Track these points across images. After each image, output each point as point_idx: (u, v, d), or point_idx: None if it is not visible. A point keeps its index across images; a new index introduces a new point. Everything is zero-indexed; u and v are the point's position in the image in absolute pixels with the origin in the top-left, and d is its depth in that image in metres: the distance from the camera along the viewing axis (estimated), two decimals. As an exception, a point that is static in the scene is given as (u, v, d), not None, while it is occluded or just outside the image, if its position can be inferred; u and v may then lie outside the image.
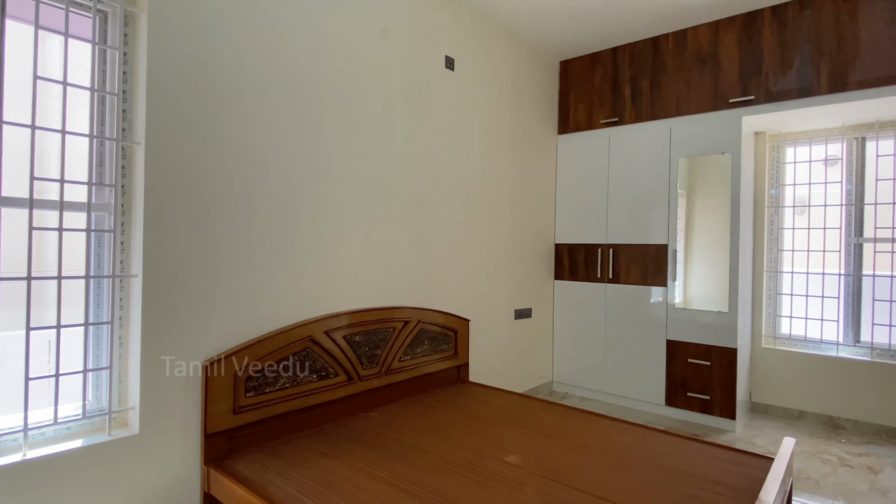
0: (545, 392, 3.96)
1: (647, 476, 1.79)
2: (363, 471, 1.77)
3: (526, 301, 3.72)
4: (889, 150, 3.24)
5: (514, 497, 1.60)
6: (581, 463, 1.88)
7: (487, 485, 1.68)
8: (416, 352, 2.76)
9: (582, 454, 1.97)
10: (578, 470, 1.82)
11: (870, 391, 3.20)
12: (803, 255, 3.56)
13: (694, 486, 1.72)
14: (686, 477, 1.78)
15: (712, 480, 1.76)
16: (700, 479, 1.77)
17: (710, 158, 3.35)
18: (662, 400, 3.48)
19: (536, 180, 3.82)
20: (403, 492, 1.62)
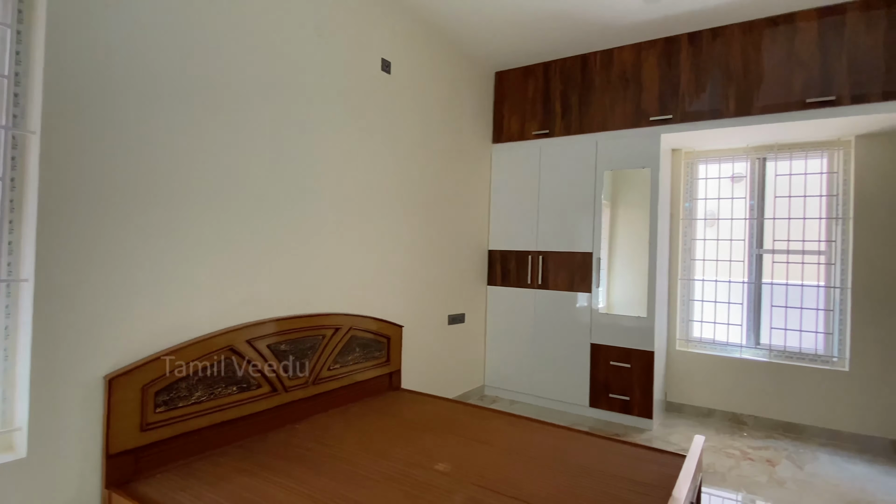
0: (476, 396, 4.00)
1: (571, 478, 1.84)
2: (284, 487, 1.68)
3: (459, 307, 3.75)
4: (785, 171, 3.60)
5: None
6: (509, 467, 1.91)
7: (416, 495, 1.66)
8: (346, 360, 2.68)
9: (510, 459, 2.00)
10: (506, 475, 1.84)
11: (768, 389, 3.52)
12: (713, 264, 3.86)
13: (614, 485, 1.79)
14: (607, 477, 1.86)
15: (630, 479, 1.84)
16: (620, 478, 1.85)
17: (632, 172, 3.56)
18: (587, 401, 3.63)
19: (471, 188, 3.87)
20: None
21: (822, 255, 3.46)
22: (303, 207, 2.48)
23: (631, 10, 3.07)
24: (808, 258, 3.51)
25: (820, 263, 3.47)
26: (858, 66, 2.79)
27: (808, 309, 3.50)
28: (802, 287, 3.52)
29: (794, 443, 3.24)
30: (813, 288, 3.49)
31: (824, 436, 3.31)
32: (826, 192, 3.46)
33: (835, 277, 3.41)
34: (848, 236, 3.33)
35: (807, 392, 3.39)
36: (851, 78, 2.80)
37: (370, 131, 2.88)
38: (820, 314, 3.47)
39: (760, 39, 3.07)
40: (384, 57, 2.97)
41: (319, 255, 2.58)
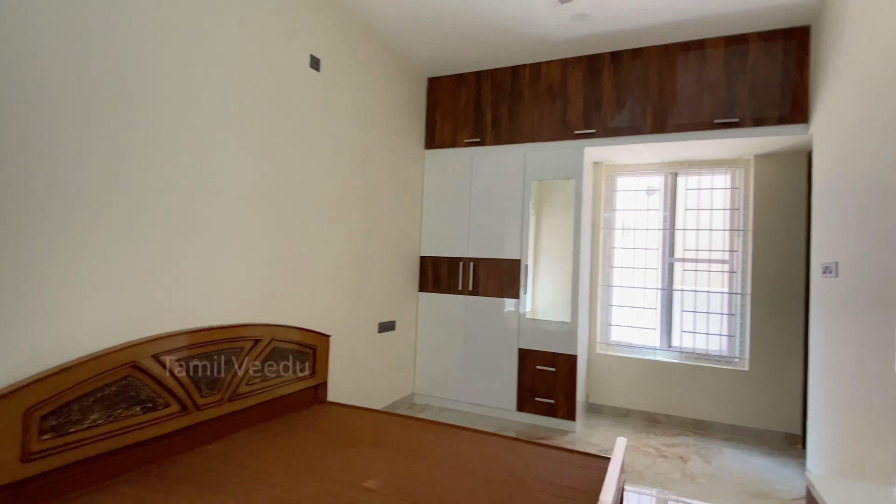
0: (406, 405, 3.93)
1: (501, 486, 1.83)
2: (195, 518, 1.52)
3: (390, 314, 3.67)
4: (694, 185, 3.89)
5: (370, 527, 1.51)
6: (441, 480, 1.86)
7: (342, 517, 1.56)
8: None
9: (442, 471, 1.95)
10: (438, 488, 1.79)
11: (679, 389, 3.77)
12: (630, 272, 4.08)
13: (542, 490, 1.80)
14: (537, 484, 1.87)
15: (559, 485, 1.87)
16: (549, 484, 1.87)
17: (558, 183, 3.68)
18: (514, 405, 3.68)
19: (403, 193, 3.81)
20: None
21: (726, 264, 3.78)
22: (220, 212, 2.29)
23: (559, 27, 3.18)
24: (714, 267, 3.81)
25: (724, 272, 3.78)
26: (759, 91, 3.08)
27: (714, 313, 3.80)
28: (709, 293, 3.81)
29: (702, 439, 3.48)
30: (718, 294, 3.79)
31: (728, 431, 3.60)
32: (729, 205, 3.78)
33: (737, 284, 3.73)
34: (748, 247, 3.66)
35: (713, 391, 3.67)
36: (752, 102, 3.08)
37: (297, 130, 2.74)
38: (724, 318, 3.77)
39: (675, 62, 3.30)
40: (313, 54, 2.84)
41: (239, 263, 2.40)
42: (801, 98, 2.98)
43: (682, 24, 3.06)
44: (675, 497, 2.60)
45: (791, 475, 2.90)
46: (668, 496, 2.61)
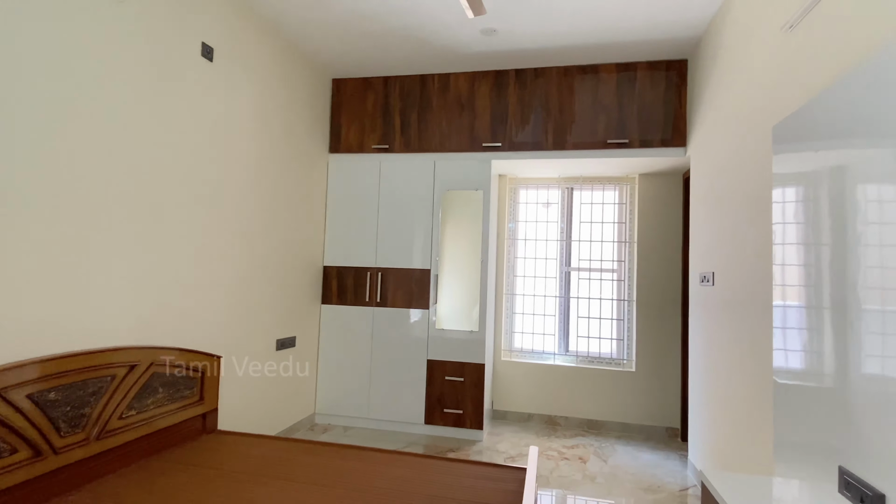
0: (307, 426, 3.67)
1: (421, 511, 1.75)
2: None
3: (290, 329, 3.41)
4: (588, 200, 4.16)
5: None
6: (354, 511, 1.73)
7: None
8: (145, 404, 2.17)
9: (352, 499, 1.81)
10: (352, 521, 1.66)
11: (575, 391, 3.98)
12: (531, 280, 4.24)
13: (463, 512, 1.75)
14: (454, 503, 1.81)
15: (476, 502, 1.83)
16: (466, 502, 1.82)
17: (467, 193, 3.71)
18: (422, 419, 3.62)
19: (306, 198, 3.58)
20: None
21: (615, 273, 4.08)
22: (87, 214, 1.94)
23: (469, 40, 3.21)
24: (605, 276, 4.10)
25: (613, 280, 4.08)
26: (645, 116, 3.38)
27: (605, 319, 4.08)
28: (601, 300, 4.09)
29: (597, 438, 3.70)
30: (609, 301, 4.08)
31: (619, 429, 3.87)
32: (618, 219, 4.10)
33: (624, 292, 4.04)
34: (633, 257, 3.99)
35: (605, 391, 3.92)
36: (640, 125, 3.37)
37: (186, 126, 2.43)
38: (614, 323, 4.07)
39: (573, 83, 3.50)
40: (206, 42, 2.55)
41: (112, 275, 2.05)
42: (680, 124, 3.33)
43: (579, 48, 3.26)
44: (581, 498, 2.70)
45: (676, 467, 3.18)
46: (576, 499, 2.71)
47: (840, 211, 1.45)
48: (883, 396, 1.23)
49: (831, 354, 1.47)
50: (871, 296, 1.31)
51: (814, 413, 1.54)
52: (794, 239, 1.73)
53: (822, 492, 1.46)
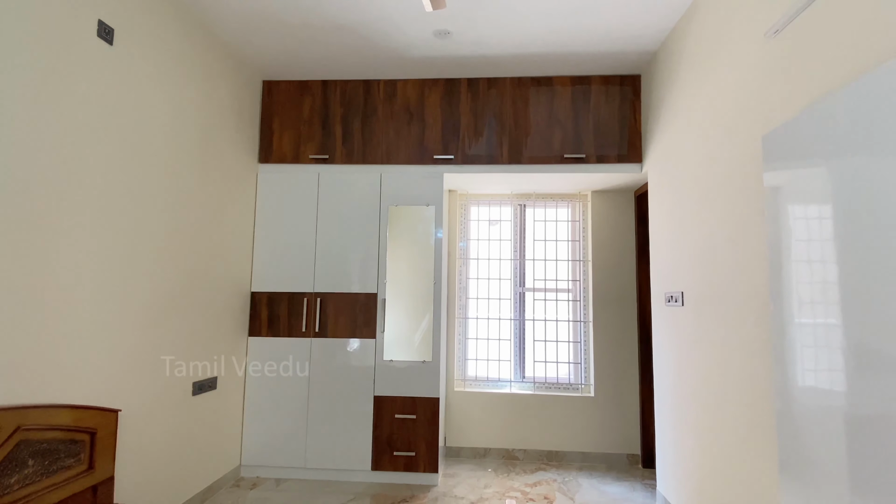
0: (230, 482, 3.10)
1: None
2: None
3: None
4: (542, 217, 4.00)
5: None
6: None
7: None
8: (7, 483, 1.61)
9: None
10: None
11: (534, 421, 3.72)
12: (485, 303, 3.98)
13: None
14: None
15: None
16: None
17: (416, 209, 3.39)
18: (369, 464, 3.18)
19: (230, 214, 3.09)
20: None
21: (571, 293, 3.92)
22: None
23: (419, 42, 2.95)
24: (561, 296, 3.92)
25: (569, 300, 3.92)
26: (601, 130, 3.27)
27: (562, 342, 3.88)
28: (557, 322, 3.90)
29: (559, 472, 3.45)
30: (565, 322, 3.90)
31: (580, 459, 3.64)
32: (571, 237, 3.96)
33: (580, 312, 3.88)
34: (588, 276, 3.86)
35: (564, 420, 3.70)
36: (597, 140, 3.26)
37: (77, 121, 1.93)
38: (571, 346, 3.88)
39: (528, 95, 3.34)
40: (104, 20, 2.07)
41: (-49, 310, 1.50)
42: (636, 140, 3.25)
43: (535, 57, 3.10)
44: (554, 549, 2.41)
45: (644, 500, 2.98)
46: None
47: (850, 227, 1.30)
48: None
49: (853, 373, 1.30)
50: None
51: (825, 444, 1.36)
52: (796, 256, 1.59)
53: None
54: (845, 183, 1.37)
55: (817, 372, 1.48)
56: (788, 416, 1.57)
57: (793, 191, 1.61)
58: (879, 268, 1.24)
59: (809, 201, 1.53)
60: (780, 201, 1.66)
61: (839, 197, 1.39)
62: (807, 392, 1.50)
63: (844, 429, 1.32)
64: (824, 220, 1.46)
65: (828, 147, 1.44)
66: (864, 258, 1.29)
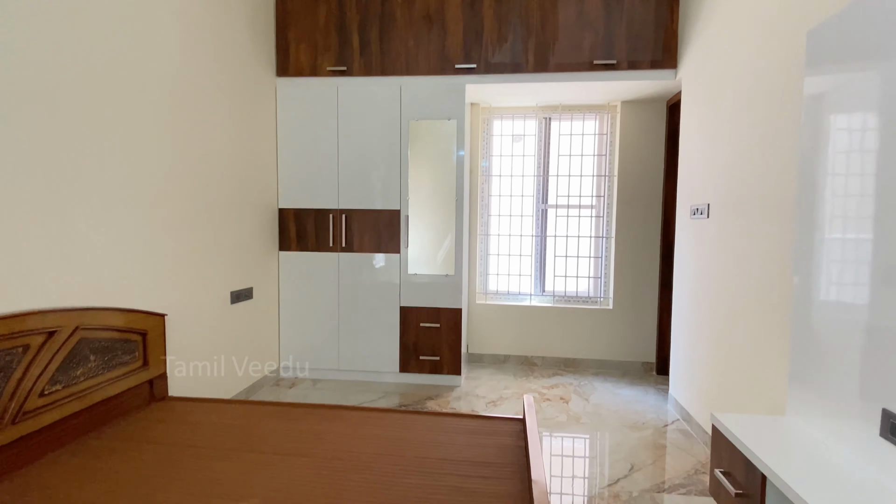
0: (271, 382, 3.40)
1: (415, 478, 1.54)
2: None
3: (245, 280, 3.04)
4: (567, 131, 3.88)
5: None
6: (335, 483, 1.50)
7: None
8: (74, 375, 1.82)
9: (333, 469, 1.58)
10: (334, 493, 1.43)
11: (552, 331, 3.88)
12: (507, 219, 4.00)
13: (464, 474, 1.56)
14: (453, 466, 1.61)
15: (476, 462, 1.64)
16: (467, 464, 1.63)
17: (437, 124, 3.32)
18: (397, 367, 3.42)
19: (252, 130, 3.10)
20: None
21: (594, 209, 3.89)
22: (-40, 140, 1.48)
23: (439, -64, 2.73)
24: (584, 212, 3.90)
25: (592, 217, 3.90)
26: (635, 33, 3.05)
27: (583, 257, 3.93)
28: (579, 238, 3.92)
29: (575, 376, 3.64)
30: (587, 238, 3.92)
31: (596, 366, 3.83)
32: (597, 151, 3.86)
33: (602, 228, 3.88)
34: (613, 192, 3.80)
35: (582, 330, 3.84)
36: (629, 44, 3.06)
37: (92, 29, 1.91)
38: (592, 261, 3.93)
39: (556, -5, 3.10)
40: (107, -80, 1.98)
41: (16, 225, 1.62)
42: (672, 44, 3.03)
43: (567, -49, 2.85)
44: (569, 439, 2.62)
45: (656, 402, 3.15)
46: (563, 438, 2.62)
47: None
48: None
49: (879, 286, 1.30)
50: None
51: (848, 351, 1.40)
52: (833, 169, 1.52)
53: (857, 436, 1.34)
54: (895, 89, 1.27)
55: (841, 286, 1.47)
56: (805, 327, 1.60)
57: (836, 98, 1.51)
58: (913, 171, 1.19)
59: (854, 109, 1.43)
60: (821, 109, 1.57)
61: (887, 105, 1.30)
62: (829, 305, 1.51)
63: (863, 341, 1.34)
64: (868, 131, 1.38)
65: (879, 46, 1.32)
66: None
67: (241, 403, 2.18)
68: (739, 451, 1.51)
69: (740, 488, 1.50)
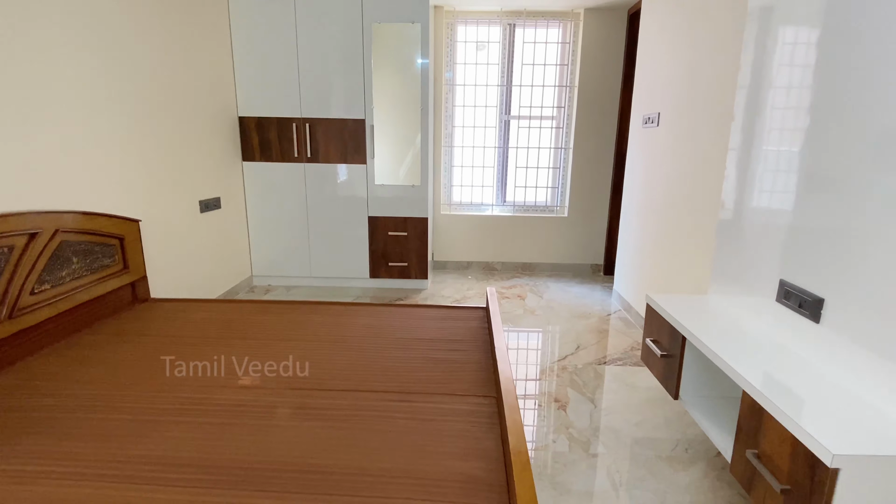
0: (245, 290, 3.54)
1: (393, 352, 1.77)
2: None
3: (212, 189, 3.05)
4: (531, 38, 3.86)
5: (268, 425, 1.30)
6: (327, 361, 1.71)
7: (228, 423, 1.31)
8: (59, 276, 1.89)
9: (324, 350, 1.79)
10: (328, 368, 1.64)
11: (511, 238, 4.13)
12: (471, 131, 4.07)
13: (436, 349, 1.80)
14: (427, 343, 1.85)
15: (447, 339, 1.89)
16: (438, 341, 1.87)
17: (400, 27, 3.25)
18: (367, 273, 3.62)
19: (205, 36, 2.95)
20: (101, 478, 1.09)
21: (554, 120, 4.01)
22: None
23: None
24: (545, 123, 4.01)
25: (552, 128, 4.02)
26: (599, -65, 3.00)
27: (542, 168, 4.10)
28: (539, 149, 4.06)
29: (531, 278, 3.97)
30: (547, 150, 4.07)
31: (550, 269, 4.16)
32: (560, 61, 3.89)
33: (562, 139, 4.03)
34: (573, 103, 3.90)
35: (538, 237, 4.11)
36: (594, -54, 3.01)
37: (23, -90, 1.75)
38: (550, 172, 4.11)
39: None
40: None
41: (-31, 120, 1.59)
42: (636, -54, 3.01)
43: None
44: (524, 329, 2.94)
45: (601, 297, 3.52)
46: (520, 329, 2.94)
47: (831, 56, 1.35)
48: (819, 223, 1.28)
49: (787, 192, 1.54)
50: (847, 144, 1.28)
51: (757, 239, 1.67)
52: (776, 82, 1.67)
53: (761, 304, 1.65)
54: (838, 7, 1.37)
55: (773, 193, 1.65)
56: (734, 226, 1.82)
57: (781, 11, 1.61)
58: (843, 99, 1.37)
59: (798, 23, 1.51)
60: (767, 21, 1.68)
61: (829, 22, 1.39)
62: (759, 210, 1.71)
63: (779, 236, 1.56)
64: (809, 45, 1.45)
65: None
66: (830, 88, 1.39)
67: (223, 302, 2.31)
68: (666, 321, 1.80)
69: (665, 351, 1.82)
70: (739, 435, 1.32)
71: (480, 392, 1.48)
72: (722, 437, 1.54)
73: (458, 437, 1.24)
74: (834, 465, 0.95)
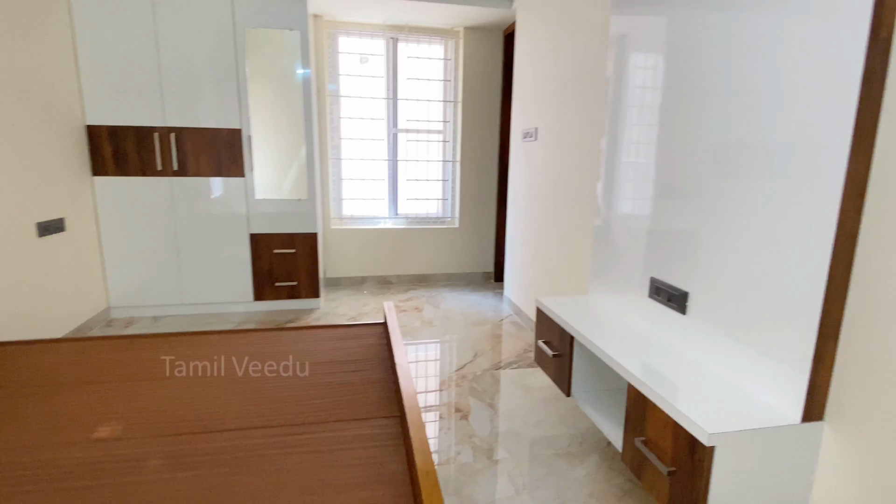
0: (101, 325, 3.07)
1: (285, 381, 1.63)
2: None
3: (52, 210, 2.60)
4: (415, 53, 3.91)
5: (135, 482, 1.11)
6: (199, 398, 1.51)
7: (87, 486, 1.09)
8: None
9: (195, 386, 1.59)
10: (204, 408, 1.46)
11: (406, 251, 4.11)
12: (359, 143, 3.98)
13: (333, 371, 1.69)
14: (322, 366, 1.74)
15: (343, 361, 1.79)
16: (335, 363, 1.76)
17: (278, 34, 3.08)
18: (251, 296, 3.34)
19: (34, 32, 2.52)
20: None
21: (441, 134, 4.08)
22: None
23: None
24: (432, 137, 4.07)
25: (440, 141, 4.10)
26: (475, -43, 3.14)
27: (433, 181, 4.15)
28: (428, 162, 4.11)
29: (427, 290, 3.97)
30: (436, 163, 4.13)
31: (445, 279, 4.21)
32: (444, 77, 3.99)
33: (449, 153, 4.12)
34: (458, 117, 4.02)
35: (432, 248, 4.15)
36: (470, -32, 3.14)
37: None
38: (440, 184, 4.18)
39: None
40: None
41: None
42: (508, -29, 3.20)
43: None
44: (423, 341, 2.92)
45: (494, 303, 3.64)
46: (418, 341, 2.91)
47: (672, 78, 1.54)
48: (675, 225, 1.45)
49: (649, 199, 1.71)
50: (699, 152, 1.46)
51: (627, 242, 1.83)
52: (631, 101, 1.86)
53: (634, 300, 1.80)
54: (676, 33, 1.57)
55: (635, 200, 1.84)
56: (607, 231, 1.99)
57: (634, 38, 1.81)
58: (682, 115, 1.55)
59: (648, 50, 1.71)
60: (623, 47, 1.87)
61: (671, 47, 1.59)
62: (621, 214, 1.90)
63: (643, 238, 1.75)
64: (655, 70, 1.66)
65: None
66: (674, 107, 1.59)
67: (74, 340, 1.96)
68: (556, 322, 1.89)
69: (556, 351, 1.90)
70: (628, 424, 1.42)
71: (383, 413, 1.42)
72: (612, 428, 1.64)
73: (361, 465, 1.17)
74: (710, 443, 1.05)
